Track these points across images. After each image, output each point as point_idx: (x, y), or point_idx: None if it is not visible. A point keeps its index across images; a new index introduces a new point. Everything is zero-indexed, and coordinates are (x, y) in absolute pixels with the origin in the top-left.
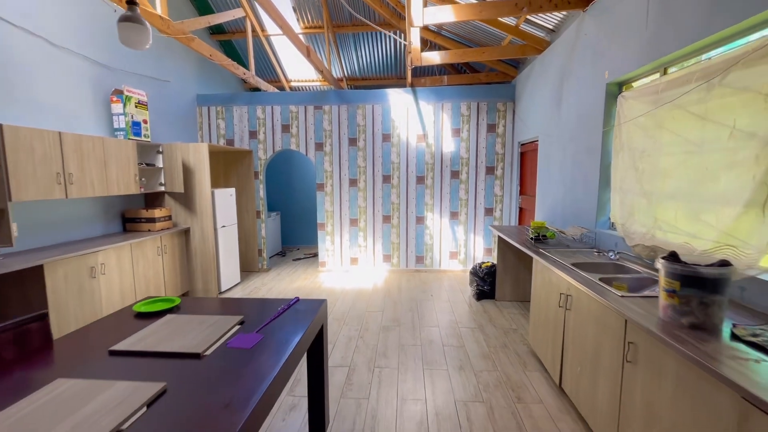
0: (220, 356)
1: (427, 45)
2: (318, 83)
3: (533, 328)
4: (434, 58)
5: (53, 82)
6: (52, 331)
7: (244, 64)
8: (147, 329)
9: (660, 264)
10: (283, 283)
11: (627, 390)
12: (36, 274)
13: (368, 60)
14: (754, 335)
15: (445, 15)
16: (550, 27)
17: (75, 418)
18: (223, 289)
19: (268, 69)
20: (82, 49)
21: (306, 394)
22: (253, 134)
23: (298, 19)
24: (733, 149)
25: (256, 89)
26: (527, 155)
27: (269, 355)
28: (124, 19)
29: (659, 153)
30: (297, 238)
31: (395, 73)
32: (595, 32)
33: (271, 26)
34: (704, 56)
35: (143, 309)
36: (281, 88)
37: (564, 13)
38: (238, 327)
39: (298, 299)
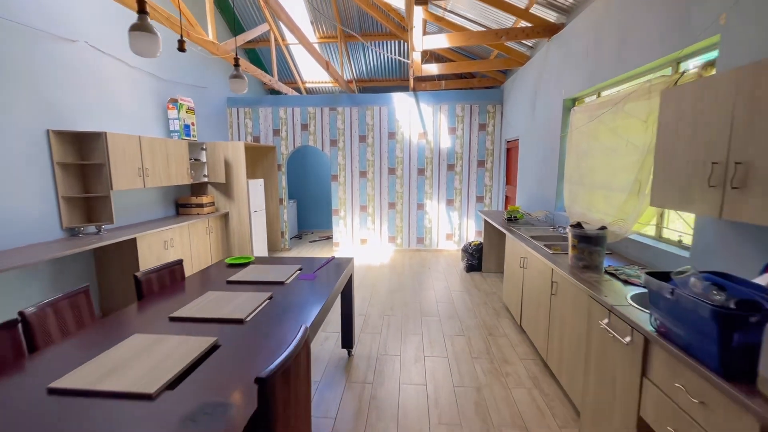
0: (295, 283)
1: (426, 55)
2: (330, 84)
3: (505, 287)
4: (432, 69)
5: (130, 95)
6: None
7: (266, 69)
8: (243, 271)
9: (568, 229)
10: (316, 256)
11: (552, 313)
12: (130, 245)
13: (375, 64)
14: (616, 270)
15: (440, 42)
16: (530, 45)
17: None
18: None
19: (286, 72)
20: (147, 67)
21: (336, 330)
22: (276, 132)
23: (314, 31)
24: (626, 155)
25: (277, 92)
26: (512, 151)
27: (323, 285)
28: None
29: (592, 154)
30: (312, 223)
31: (399, 75)
32: (556, 57)
33: (290, 36)
34: (616, 89)
35: (233, 261)
36: (297, 89)
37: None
38: (298, 271)
39: (333, 257)
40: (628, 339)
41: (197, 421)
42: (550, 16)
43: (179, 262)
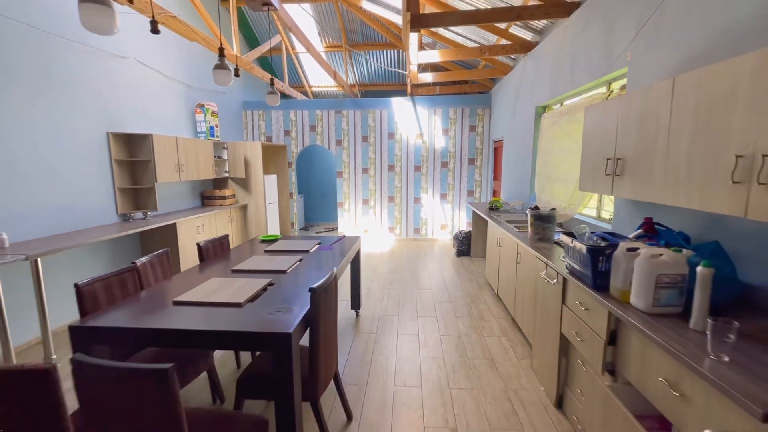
0: (317, 252)
1: (423, 65)
2: (335, 89)
3: (487, 265)
4: (427, 78)
5: (165, 101)
6: (181, 262)
7: (276, 74)
8: (275, 244)
9: (528, 211)
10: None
11: (518, 278)
12: (171, 229)
13: (376, 70)
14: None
15: (433, 57)
16: (513, 57)
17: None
18: None
19: (295, 78)
20: (179, 76)
21: (346, 298)
22: (287, 132)
23: (321, 41)
24: (576, 154)
25: (286, 96)
26: (498, 150)
27: (339, 253)
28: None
29: (554, 153)
30: (317, 217)
31: (398, 80)
32: (530, 71)
33: (299, 45)
34: (572, 100)
35: (264, 238)
36: (305, 93)
37: None
38: (318, 245)
39: (344, 236)
40: (554, 281)
41: (273, 314)
42: (527, 35)
43: (226, 236)
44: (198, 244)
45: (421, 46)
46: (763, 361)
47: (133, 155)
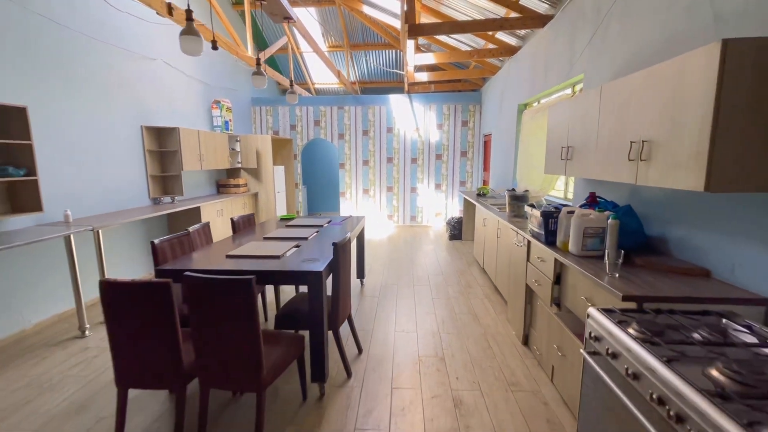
0: (329, 227)
1: (416, 66)
2: (336, 85)
3: (475, 245)
4: (422, 77)
5: (186, 98)
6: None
7: (282, 72)
8: (293, 221)
9: (506, 192)
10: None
11: (498, 250)
12: (195, 211)
13: (375, 68)
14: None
15: (428, 59)
16: (500, 59)
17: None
18: None
19: (299, 75)
20: (197, 75)
21: (352, 270)
22: (293, 127)
23: (324, 41)
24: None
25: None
26: (488, 143)
27: (347, 229)
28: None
29: (532, 145)
30: (320, 206)
31: (395, 78)
32: (514, 72)
33: (304, 45)
34: (546, 99)
35: (283, 217)
36: (308, 89)
37: None
38: (329, 222)
39: (350, 216)
40: (522, 244)
41: (305, 261)
42: (511, 40)
43: (252, 214)
44: (232, 219)
45: (418, 48)
46: (638, 275)
47: (161, 146)
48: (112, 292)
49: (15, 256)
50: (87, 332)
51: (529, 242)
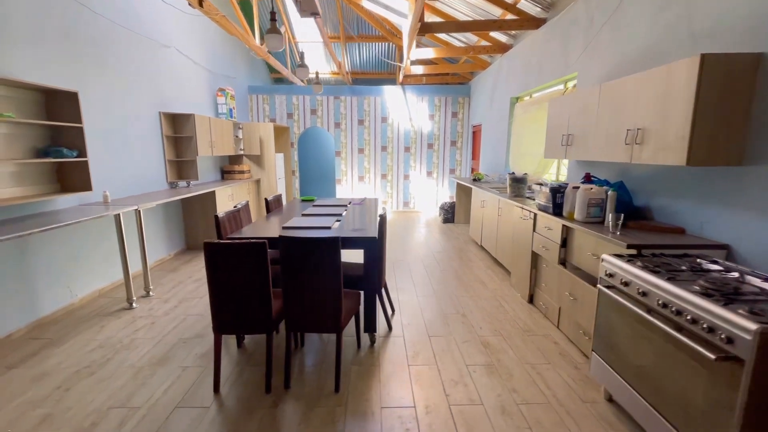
0: (352, 207)
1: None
2: (328, 75)
3: (471, 226)
4: (418, 70)
5: (195, 86)
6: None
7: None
8: (317, 202)
9: (507, 175)
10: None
11: (499, 227)
12: (210, 196)
13: (367, 59)
14: (532, 196)
15: (428, 53)
16: (491, 55)
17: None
18: None
19: (292, 65)
20: (203, 63)
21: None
22: (289, 115)
23: (321, 33)
24: (541, 135)
25: (280, 80)
26: (477, 134)
27: (371, 206)
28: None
29: (524, 134)
30: (314, 193)
31: (386, 69)
32: (506, 68)
33: (299, 35)
34: (539, 93)
35: (304, 199)
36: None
37: None
38: (350, 203)
39: (365, 198)
40: (528, 218)
41: (355, 230)
42: (503, 38)
43: (280, 195)
44: (266, 198)
45: (418, 43)
46: (633, 234)
47: (177, 132)
48: (215, 251)
49: (62, 234)
50: (134, 304)
51: (535, 215)
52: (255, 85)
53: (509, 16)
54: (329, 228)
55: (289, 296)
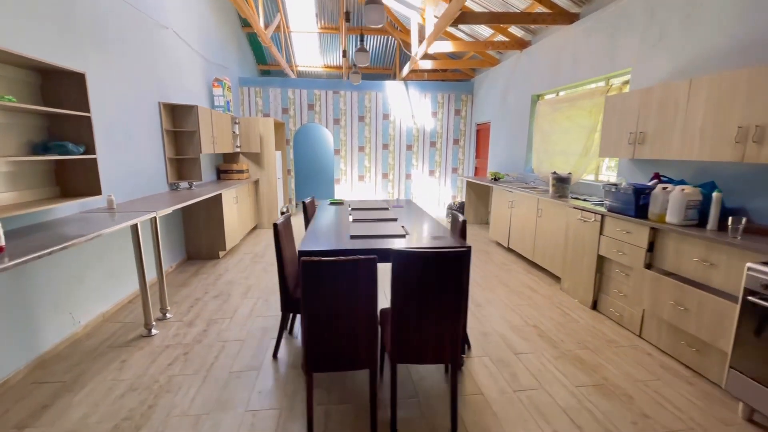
0: (396, 209)
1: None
2: (320, 69)
3: (492, 227)
4: (426, 65)
5: (191, 74)
6: (226, 227)
7: (262, 53)
8: (352, 204)
9: (551, 175)
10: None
11: (538, 229)
12: (216, 198)
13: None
14: (577, 197)
15: (447, 47)
16: (500, 51)
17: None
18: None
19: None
20: (199, 49)
21: None
22: (285, 110)
23: (317, 22)
24: (576, 133)
25: (267, 72)
26: (481, 132)
27: (414, 206)
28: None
29: (554, 132)
30: (306, 193)
31: (383, 64)
32: (526, 65)
33: (294, 24)
34: (569, 90)
35: (333, 201)
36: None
37: None
38: (394, 203)
39: (409, 201)
40: (593, 219)
41: (435, 238)
42: (521, 33)
43: (313, 197)
44: (303, 202)
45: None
46: (754, 239)
47: (177, 126)
48: (315, 270)
49: (18, 243)
50: (153, 330)
51: (602, 217)
52: (244, 76)
53: (539, 9)
54: (403, 236)
55: (401, 322)
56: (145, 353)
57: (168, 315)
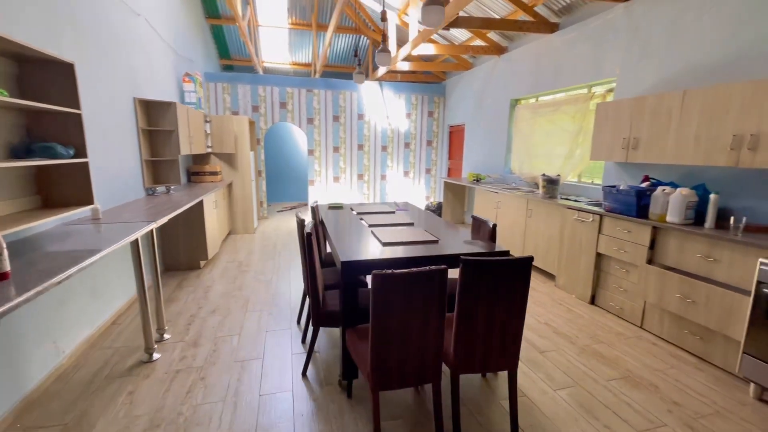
0: (402, 213)
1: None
2: (288, 66)
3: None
4: (404, 66)
5: (162, 67)
6: (207, 234)
7: (226, 46)
8: (363, 208)
9: (540, 177)
10: (291, 223)
11: (528, 229)
12: (198, 204)
13: (336, 52)
14: (567, 198)
15: (429, 49)
16: (474, 57)
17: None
18: (256, 226)
19: (243, 50)
20: (169, 40)
21: None
22: (255, 108)
23: (288, 17)
24: (560, 136)
25: (230, 67)
26: (454, 134)
27: (412, 209)
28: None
29: (534, 135)
30: (282, 196)
31: (353, 63)
32: (503, 70)
33: (262, 18)
34: (550, 96)
35: (333, 206)
36: (253, 67)
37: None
38: (396, 206)
39: (407, 202)
40: (591, 219)
41: (467, 242)
42: (497, 38)
43: (316, 201)
44: (312, 207)
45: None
46: (753, 237)
47: (152, 124)
48: (387, 283)
49: (21, 265)
50: (154, 354)
51: (601, 217)
52: (209, 71)
53: (521, 16)
54: (436, 242)
55: (468, 331)
56: (153, 381)
57: (166, 335)
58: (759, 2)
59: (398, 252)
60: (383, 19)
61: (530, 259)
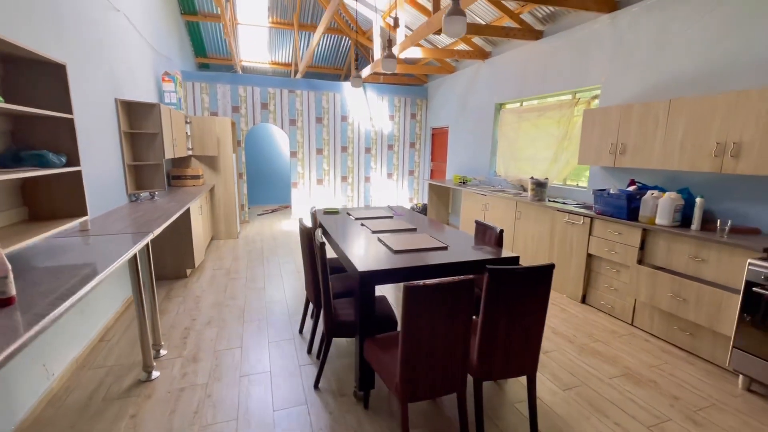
0: (399, 218)
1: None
2: (267, 65)
3: (464, 228)
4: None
5: (141, 66)
6: (194, 242)
7: (203, 43)
8: (358, 213)
9: (530, 180)
10: (275, 226)
11: (517, 230)
12: (185, 211)
13: (318, 53)
14: (555, 200)
15: (416, 53)
16: (457, 60)
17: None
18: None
19: (222, 49)
20: (148, 36)
21: None
22: (235, 109)
23: (268, 16)
24: (545, 140)
25: (206, 66)
26: (436, 136)
27: (409, 213)
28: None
29: (520, 139)
30: (264, 199)
31: (334, 64)
32: (488, 74)
33: (241, 16)
34: (536, 101)
35: (328, 211)
36: (232, 66)
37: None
38: (393, 213)
39: (398, 206)
40: (582, 221)
41: (475, 248)
42: (480, 43)
43: (314, 207)
44: (312, 212)
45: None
46: (737, 238)
47: (134, 127)
48: (419, 295)
49: (23, 285)
50: (153, 372)
51: (591, 219)
52: (191, 71)
53: (507, 23)
54: (445, 248)
55: (490, 339)
56: (156, 402)
57: (162, 351)
58: (740, 16)
59: (411, 260)
60: (396, 25)
61: (551, 266)
